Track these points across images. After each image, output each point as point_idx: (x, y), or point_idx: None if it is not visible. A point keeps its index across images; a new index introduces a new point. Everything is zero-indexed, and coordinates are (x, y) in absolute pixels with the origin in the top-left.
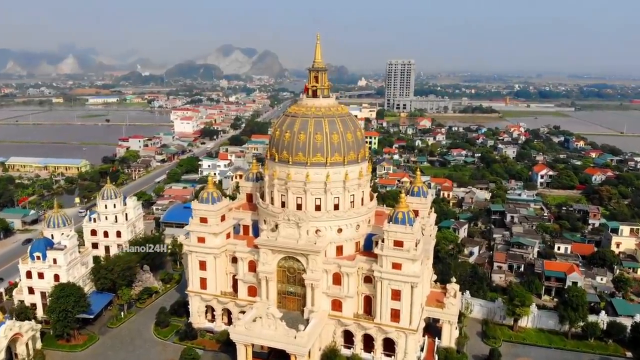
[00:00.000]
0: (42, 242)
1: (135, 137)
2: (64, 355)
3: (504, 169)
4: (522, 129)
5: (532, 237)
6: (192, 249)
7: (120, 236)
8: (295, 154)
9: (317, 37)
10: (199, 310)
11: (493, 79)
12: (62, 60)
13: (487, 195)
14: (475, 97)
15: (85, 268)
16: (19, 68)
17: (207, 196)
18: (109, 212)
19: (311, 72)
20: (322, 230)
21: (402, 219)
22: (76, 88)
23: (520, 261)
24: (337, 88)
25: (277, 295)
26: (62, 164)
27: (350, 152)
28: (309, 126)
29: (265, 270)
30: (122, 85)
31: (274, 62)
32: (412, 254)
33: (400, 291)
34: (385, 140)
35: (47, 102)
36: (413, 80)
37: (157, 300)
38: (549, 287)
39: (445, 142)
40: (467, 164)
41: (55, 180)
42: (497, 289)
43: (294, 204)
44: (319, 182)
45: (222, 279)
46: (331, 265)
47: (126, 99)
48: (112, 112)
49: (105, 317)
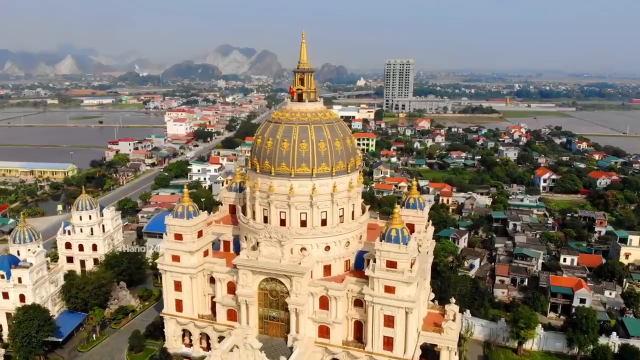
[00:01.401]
0: (6, 259)
1: (126, 140)
2: None
3: (505, 173)
4: (523, 130)
5: (536, 247)
6: (167, 268)
7: (97, 249)
8: (278, 164)
9: (303, 36)
10: (175, 334)
11: (493, 79)
12: (61, 60)
13: (488, 201)
14: (475, 97)
15: (54, 286)
16: (16, 69)
17: (182, 210)
18: (84, 224)
19: (296, 73)
20: (307, 249)
21: (395, 237)
22: (72, 89)
23: (524, 274)
24: (335, 88)
25: (258, 321)
26: (48, 168)
27: (339, 162)
28: (293, 133)
29: (244, 293)
30: (119, 85)
31: (273, 62)
32: (406, 277)
33: (394, 317)
34: (383, 142)
35: (41, 104)
36: (412, 80)
37: (133, 319)
38: (555, 303)
39: (444, 144)
40: (467, 167)
41: (40, 185)
42: (500, 305)
43: (277, 220)
44: (305, 195)
45: (200, 300)
46: (317, 287)
47: (122, 100)
48: (106, 114)
49: (76, 339)
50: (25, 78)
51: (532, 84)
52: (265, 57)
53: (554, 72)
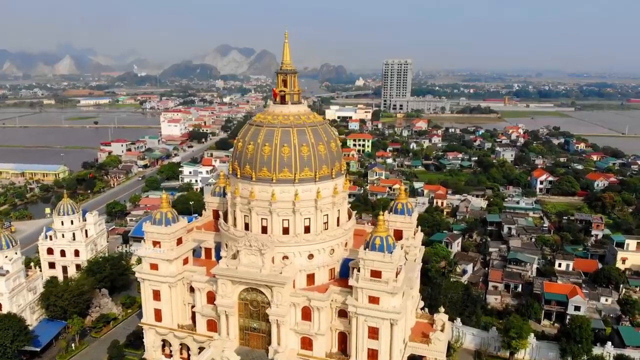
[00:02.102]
0: None
1: (118, 141)
2: None
3: (501, 174)
4: (521, 131)
5: (531, 251)
6: (145, 277)
7: (79, 255)
8: (259, 169)
9: (285, 35)
10: (155, 345)
11: (492, 79)
12: (59, 61)
13: (483, 203)
14: (473, 97)
15: (33, 294)
16: (15, 69)
17: (161, 217)
18: (66, 229)
19: (279, 74)
20: (290, 257)
21: (380, 245)
22: (70, 89)
23: (518, 280)
24: (334, 88)
25: (239, 332)
26: (39, 170)
27: (322, 167)
28: (274, 137)
29: (224, 304)
30: (117, 86)
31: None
32: (391, 287)
33: (379, 329)
34: (379, 143)
35: (38, 104)
36: (410, 80)
37: (115, 328)
38: (550, 311)
39: (441, 144)
40: (463, 169)
41: (29, 188)
42: (493, 312)
43: (258, 227)
44: (287, 201)
45: (180, 310)
46: (299, 298)
47: (118, 100)
48: (102, 114)
49: (56, 348)
50: (24, 78)
51: (532, 83)
52: (264, 57)
53: (554, 72)
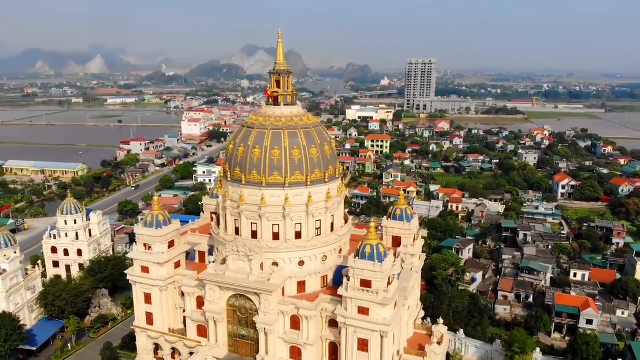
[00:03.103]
0: None
1: (137, 140)
2: None
3: (522, 178)
4: (547, 133)
5: (546, 259)
6: (136, 280)
7: (82, 255)
8: (249, 172)
9: (279, 35)
10: (147, 348)
11: (522, 79)
12: (91, 60)
13: (500, 208)
14: (501, 97)
15: (31, 293)
16: (47, 68)
17: (152, 219)
18: (69, 229)
19: (272, 75)
20: (280, 264)
21: (370, 253)
22: (99, 88)
23: (529, 290)
24: (358, 88)
25: (228, 338)
26: (59, 168)
27: (315, 170)
28: (265, 139)
29: (212, 310)
30: (145, 85)
31: (297, 61)
32: (381, 297)
33: (368, 340)
34: (397, 144)
35: (66, 102)
36: (434, 80)
37: (113, 329)
38: (560, 324)
39: (462, 146)
40: (483, 171)
41: (47, 185)
42: (501, 323)
43: (248, 231)
44: (277, 205)
45: (171, 314)
46: (288, 306)
47: (144, 99)
48: (128, 113)
49: (53, 347)
50: (56, 77)
51: (562, 84)
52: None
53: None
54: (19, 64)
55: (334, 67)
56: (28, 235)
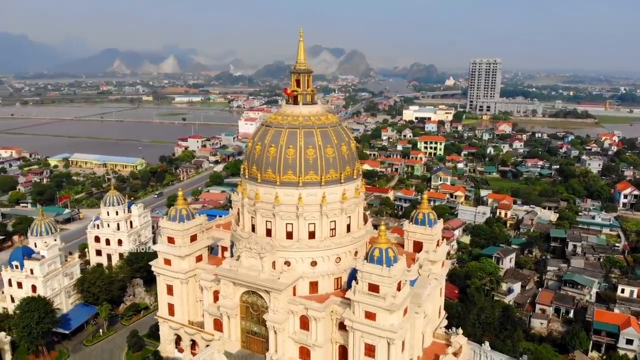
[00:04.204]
0: (20, 250)
1: (194, 137)
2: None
3: (582, 185)
4: (616, 138)
5: (593, 273)
6: (159, 271)
7: (122, 245)
8: (264, 170)
9: (300, 34)
10: (169, 338)
11: (598, 81)
12: (164, 60)
13: (553, 217)
14: (572, 99)
15: (69, 279)
16: (123, 67)
17: (175, 213)
18: (111, 220)
19: (292, 74)
20: (292, 263)
21: (378, 257)
22: (169, 87)
23: (570, 305)
24: (420, 88)
25: (241, 334)
26: (119, 161)
27: (330, 170)
28: (281, 138)
29: (225, 305)
30: (212, 85)
31: (361, 61)
32: (388, 303)
33: (375, 346)
34: (452, 147)
35: (137, 100)
36: (499, 80)
37: (144, 317)
38: (599, 342)
39: (522, 150)
40: (542, 177)
41: (107, 178)
42: (535, 337)
43: (263, 229)
44: (291, 204)
45: (191, 307)
46: (297, 306)
47: (210, 98)
48: (193, 111)
49: (86, 332)
50: (131, 76)
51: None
52: (353, 57)
53: None
54: (98, 63)
55: (398, 67)
56: (82, 224)
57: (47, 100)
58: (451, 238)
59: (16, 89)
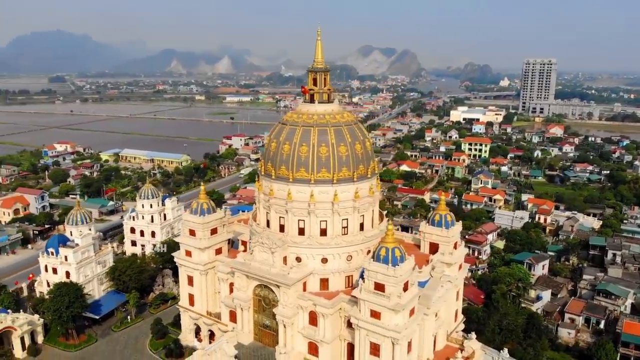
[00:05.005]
0: (56, 238)
1: (237, 136)
2: (59, 353)
3: (632, 192)
4: None
5: (630, 283)
6: (181, 262)
7: (155, 236)
8: (278, 167)
9: (318, 32)
10: (189, 328)
11: None
12: (219, 60)
13: (596, 224)
14: (632, 103)
15: (102, 267)
16: (180, 67)
17: (197, 207)
18: (145, 212)
19: (310, 73)
20: (303, 259)
21: (384, 256)
22: (222, 87)
23: (600, 315)
24: (473, 88)
25: (254, 327)
26: (165, 157)
27: (342, 169)
28: (295, 136)
29: (239, 297)
30: (263, 85)
31: (413, 61)
32: (393, 303)
33: (380, 345)
34: (498, 149)
35: (190, 99)
36: (554, 81)
37: (171, 307)
38: (627, 355)
39: (572, 154)
40: (590, 183)
41: (152, 173)
42: (561, 347)
43: (276, 225)
44: (303, 201)
45: (210, 298)
46: (306, 301)
47: (259, 98)
48: (242, 111)
49: (116, 318)
50: (187, 76)
51: None
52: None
53: None
54: (156, 63)
55: (451, 67)
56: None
57: (105, 98)
58: (483, 242)
59: (78, 86)
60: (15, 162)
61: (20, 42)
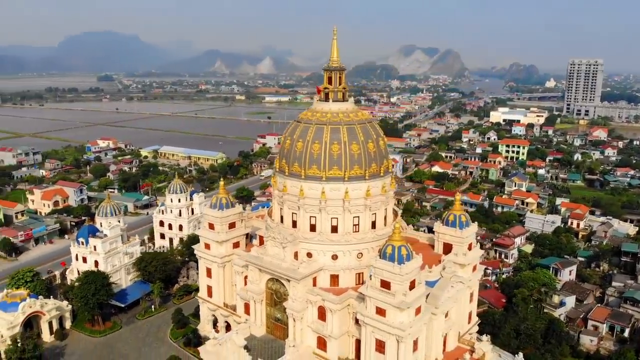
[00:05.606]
0: (86, 228)
1: (271, 135)
2: (85, 338)
3: None
4: None
5: None
6: (200, 255)
7: (182, 230)
8: (291, 164)
9: (334, 31)
10: (207, 319)
11: None
12: (261, 61)
13: (632, 230)
14: None
15: (129, 257)
16: (224, 67)
17: (216, 202)
18: (174, 206)
19: (325, 72)
20: (313, 255)
21: (390, 254)
22: (262, 87)
23: (625, 323)
24: (517, 89)
25: (266, 319)
26: (202, 155)
27: (354, 167)
28: (308, 134)
29: (252, 290)
30: (302, 85)
31: (455, 61)
32: (398, 300)
33: (385, 343)
34: (537, 151)
35: (230, 99)
36: (600, 83)
37: (194, 298)
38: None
39: (615, 158)
40: (631, 188)
41: (188, 169)
42: (582, 355)
43: (289, 221)
44: (314, 198)
45: (228, 290)
46: (315, 296)
47: (297, 98)
48: (279, 111)
49: (140, 307)
50: (229, 76)
51: None
52: (447, 56)
53: None
54: (201, 63)
55: (495, 67)
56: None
57: (150, 97)
58: (510, 246)
59: (125, 85)
60: (60, 157)
61: (72, 41)
